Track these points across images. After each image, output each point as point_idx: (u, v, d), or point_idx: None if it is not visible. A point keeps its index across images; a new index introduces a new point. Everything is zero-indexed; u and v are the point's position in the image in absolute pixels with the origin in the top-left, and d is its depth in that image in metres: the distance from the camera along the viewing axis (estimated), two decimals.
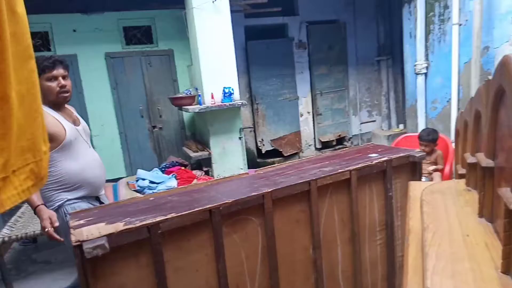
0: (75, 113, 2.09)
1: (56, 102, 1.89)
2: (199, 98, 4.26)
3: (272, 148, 5.96)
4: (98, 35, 4.74)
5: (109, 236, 1.28)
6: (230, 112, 4.29)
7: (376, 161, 1.94)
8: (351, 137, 6.66)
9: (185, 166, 4.39)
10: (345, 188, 1.88)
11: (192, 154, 4.32)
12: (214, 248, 1.49)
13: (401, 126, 6.47)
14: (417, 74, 4.53)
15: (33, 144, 0.84)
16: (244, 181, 1.90)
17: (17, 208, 4.22)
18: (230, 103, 4.15)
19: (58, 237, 1.78)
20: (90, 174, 1.95)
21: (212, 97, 4.13)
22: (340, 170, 1.84)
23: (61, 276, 3.18)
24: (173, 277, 1.42)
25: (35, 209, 1.75)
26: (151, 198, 1.72)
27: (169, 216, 1.39)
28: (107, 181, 4.63)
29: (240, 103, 4.21)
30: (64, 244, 1.87)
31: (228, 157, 4.37)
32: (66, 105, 2.04)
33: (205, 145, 4.51)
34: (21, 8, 0.80)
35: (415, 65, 4.54)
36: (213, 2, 4.00)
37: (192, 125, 5.37)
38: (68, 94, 1.91)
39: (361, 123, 6.74)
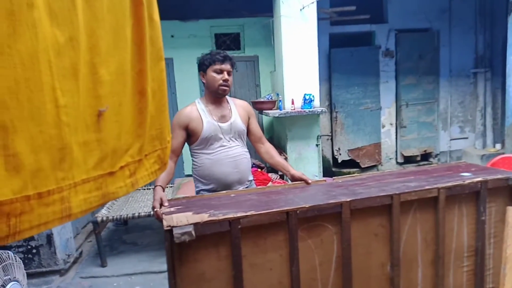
0: (232, 108, 2.12)
1: (215, 94, 2.04)
2: (280, 103, 4.35)
3: (349, 158, 5.81)
4: (193, 41, 5.13)
5: (195, 225, 1.38)
6: (309, 118, 4.30)
7: (469, 181, 1.78)
8: (438, 154, 6.18)
9: (261, 168, 4.51)
10: (432, 207, 1.76)
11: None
12: (288, 250, 1.52)
13: (498, 146, 5.82)
14: None
15: (161, 133, 0.99)
16: (322, 187, 1.90)
17: None
18: (310, 109, 4.16)
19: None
20: (218, 170, 2.02)
21: (293, 103, 4.18)
22: (427, 187, 1.73)
23: (146, 258, 3.51)
24: (248, 272, 1.49)
25: (154, 187, 1.86)
26: (232, 195, 1.82)
27: (249, 213, 1.46)
28: (190, 175, 4.95)
29: (319, 111, 4.20)
30: (153, 228, 2.06)
31: (304, 163, 4.39)
32: (232, 101, 2.15)
33: (282, 150, 4.59)
34: (156, 15, 0.95)
35: None
36: (301, 10, 4.07)
37: (271, 129, 5.50)
38: (227, 88, 2.03)
39: (451, 139, 6.22)
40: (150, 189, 4.41)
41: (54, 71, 0.70)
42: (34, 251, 3.14)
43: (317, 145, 4.43)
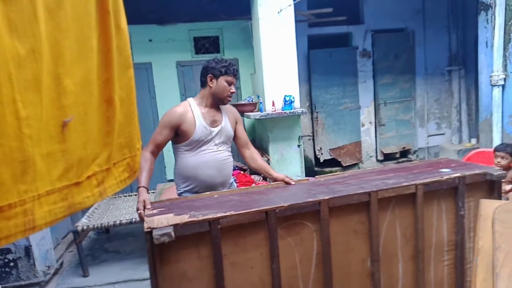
0: (223, 113, 2.16)
1: (219, 101, 2.10)
2: (261, 105, 4.37)
3: (330, 157, 5.88)
4: (171, 44, 5.10)
5: (176, 226, 1.40)
6: (290, 119, 4.34)
7: (447, 177, 1.81)
8: (416, 150, 6.33)
9: (244, 170, 4.51)
10: (410, 203, 1.79)
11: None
12: (269, 248, 1.55)
13: (474, 141, 6.01)
14: (493, 85, 4.19)
15: (130, 141, 0.99)
16: (303, 187, 1.92)
17: None
18: (291, 111, 4.20)
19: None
20: (202, 173, 2.04)
21: (273, 105, 4.21)
22: (404, 184, 1.76)
23: (129, 266, 3.45)
24: (229, 270, 1.51)
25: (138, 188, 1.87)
26: (215, 196, 1.84)
27: (228, 213, 1.48)
28: (172, 180, 4.91)
29: (300, 111, 4.24)
30: (136, 235, 2.05)
31: (286, 164, 4.42)
32: (225, 107, 2.19)
33: (264, 151, 4.61)
34: (124, 24, 0.95)
35: (491, 76, 4.20)
36: (278, 13, 4.11)
37: (252, 131, 5.51)
38: (231, 100, 2.14)
39: (428, 136, 6.38)
40: (131, 195, 4.35)
41: (14, 84, 0.69)
42: (11, 264, 3.05)
43: (298, 145, 4.47)
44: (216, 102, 2.11)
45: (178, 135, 2.04)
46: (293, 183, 1.99)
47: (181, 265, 1.46)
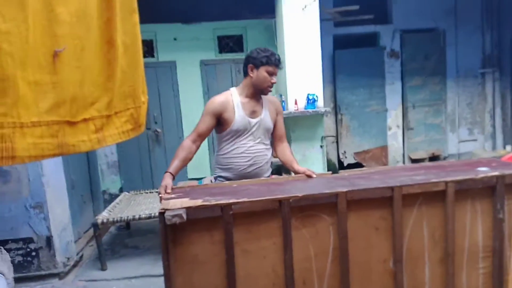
0: (264, 104, 2.15)
1: (259, 91, 2.11)
2: (283, 103, 4.30)
3: (355, 161, 5.71)
4: (195, 43, 5.14)
5: (188, 209, 1.41)
6: (313, 119, 4.24)
7: (483, 175, 1.66)
8: (446, 156, 6.04)
9: None
10: (440, 202, 1.65)
11: (272, 159, 4.35)
12: (282, 238, 1.50)
13: (509, 148, 5.68)
14: None
15: (134, 91, 0.95)
16: (324, 180, 1.85)
17: (115, 196, 4.73)
18: (313, 110, 4.11)
19: None
20: (235, 162, 2.10)
21: (296, 103, 4.14)
22: (433, 180, 1.64)
23: (147, 261, 3.45)
24: (241, 257, 1.50)
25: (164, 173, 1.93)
26: (234, 185, 1.85)
27: (241, 200, 1.46)
28: (193, 179, 4.91)
29: (323, 111, 4.15)
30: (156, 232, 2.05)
31: (308, 164, 4.30)
32: (264, 96, 2.17)
33: None
34: None
35: None
36: (303, 9, 4.04)
37: None
38: (271, 90, 2.14)
39: (459, 142, 6.08)
40: (152, 192, 4.38)
41: None
42: (33, 253, 3.11)
43: (321, 146, 4.36)
44: (257, 92, 2.11)
45: (221, 123, 2.08)
46: (314, 176, 1.94)
47: (194, 248, 1.48)
